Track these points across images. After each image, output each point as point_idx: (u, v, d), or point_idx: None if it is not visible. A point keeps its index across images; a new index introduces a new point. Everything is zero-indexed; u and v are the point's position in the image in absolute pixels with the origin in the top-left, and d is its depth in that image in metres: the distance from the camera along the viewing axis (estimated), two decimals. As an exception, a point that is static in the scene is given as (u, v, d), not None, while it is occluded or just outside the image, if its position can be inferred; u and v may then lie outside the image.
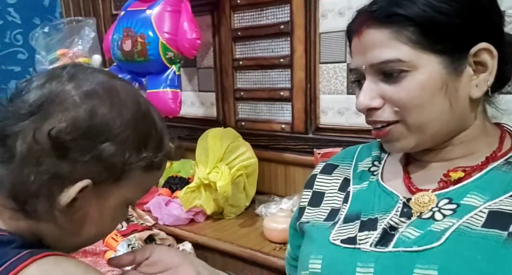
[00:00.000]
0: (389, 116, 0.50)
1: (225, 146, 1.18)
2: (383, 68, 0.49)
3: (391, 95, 0.49)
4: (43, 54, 1.61)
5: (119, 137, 0.42)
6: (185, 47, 1.15)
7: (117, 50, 1.20)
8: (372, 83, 0.51)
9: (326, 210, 0.60)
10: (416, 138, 0.51)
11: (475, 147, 0.52)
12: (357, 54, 0.52)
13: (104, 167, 0.42)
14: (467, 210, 0.47)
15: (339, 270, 0.49)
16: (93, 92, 0.42)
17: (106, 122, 0.41)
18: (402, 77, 0.48)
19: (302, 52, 1.17)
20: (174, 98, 1.17)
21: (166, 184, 1.30)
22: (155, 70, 1.18)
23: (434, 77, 0.48)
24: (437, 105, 0.48)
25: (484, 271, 0.41)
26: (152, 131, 0.45)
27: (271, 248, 0.97)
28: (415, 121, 0.49)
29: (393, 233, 0.49)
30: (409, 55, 0.47)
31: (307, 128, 1.20)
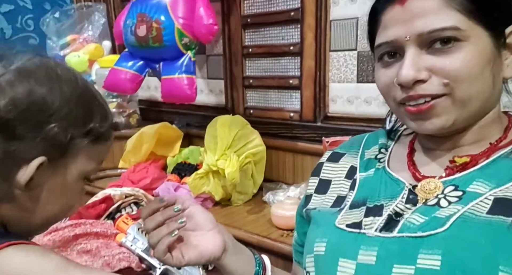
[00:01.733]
0: (437, 88, 0.47)
1: (233, 134, 1.19)
2: (434, 37, 0.46)
3: (442, 66, 0.46)
4: (54, 40, 1.62)
5: (62, 112, 0.43)
6: (202, 32, 1.13)
7: (130, 35, 1.19)
8: (416, 55, 0.47)
9: (332, 197, 0.61)
10: (457, 114, 0.48)
11: (485, 134, 0.51)
12: (398, 23, 0.48)
13: (53, 143, 0.42)
14: (472, 197, 0.47)
15: (342, 252, 0.50)
16: (25, 70, 0.42)
17: (47, 97, 0.42)
18: (456, 46, 0.45)
19: (312, 39, 1.16)
20: (190, 84, 1.17)
21: (175, 170, 1.31)
22: (169, 56, 1.17)
23: (485, 49, 0.46)
24: (485, 79, 0.47)
25: (488, 255, 0.41)
26: (94, 103, 0.47)
27: (278, 235, 0.99)
28: (464, 94, 0.46)
29: (398, 220, 0.49)
30: (465, 23, 0.45)
31: (315, 117, 1.20)
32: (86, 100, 0.46)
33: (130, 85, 1.24)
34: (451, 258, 0.42)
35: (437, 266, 0.42)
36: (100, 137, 0.47)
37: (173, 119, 1.54)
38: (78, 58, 1.54)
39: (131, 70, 1.23)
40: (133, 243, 0.95)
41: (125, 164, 1.36)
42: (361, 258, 0.48)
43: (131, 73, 1.23)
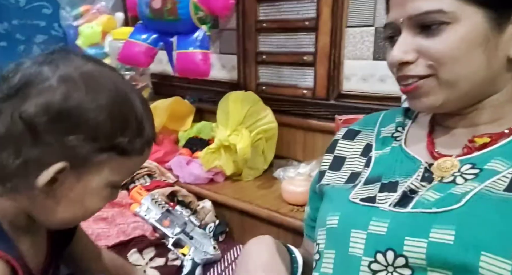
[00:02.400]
0: (422, 70, 0.49)
1: (245, 110, 1.19)
2: (422, 19, 0.47)
3: (427, 48, 0.48)
4: (67, 10, 1.61)
5: (90, 123, 0.43)
6: (218, 6, 1.11)
7: (145, 8, 1.17)
8: (408, 37, 0.49)
9: (346, 174, 0.61)
10: (446, 94, 0.49)
11: (503, 113, 0.51)
12: (395, 6, 0.50)
13: (75, 152, 0.43)
14: (490, 174, 0.47)
15: (354, 224, 0.51)
16: (69, 77, 0.43)
17: (79, 107, 0.42)
18: (442, 29, 0.46)
19: (328, 14, 1.13)
20: (204, 59, 1.15)
21: (186, 145, 1.33)
22: (184, 30, 1.16)
23: (475, 30, 0.46)
24: (473, 60, 0.47)
25: (502, 231, 0.42)
26: (130, 117, 0.46)
27: (288, 210, 1.01)
28: (448, 75, 0.48)
29: (413, 196, 0.50)
30: (452, 5, 0.46)
31: (329, 94, 1.19)
32: (120, 114, 0.45)
33: (145, 59, 1.23)
34: (465, 232, 0.43)
35: (450, 240, 0.43)
36: (130, 151, 0.46)
37: (185, 93, 1.54)
38: (91, 29, 1.53)
39: (145, 43, 1.21)
40: (147, 213, 0.98)
41: (137, 137, 1.38)
42: (371, 228, 0.49)
43: (146, 46, 1.22)
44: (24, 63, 0.44)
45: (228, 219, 1.11)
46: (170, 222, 0.97)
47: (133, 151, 0.47)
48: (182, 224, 0.98)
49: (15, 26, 1.60)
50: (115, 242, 0.91)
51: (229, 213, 1.11)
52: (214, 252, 0.96)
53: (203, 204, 1.09)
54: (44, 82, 0.42)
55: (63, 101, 0.41)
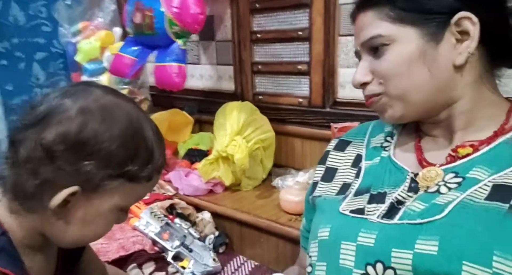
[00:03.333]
0: (375, 88, 0.55)
1: (242, 120, 1.20)
2: (370, 44, 0.54)
3: (376, 68, 0.54)
4: (66, 27, 1.64)
5: (103, 152, 0.46)
6: (188, 22, 1.14)
7: (129, 22, 1.23)
8: (365, 61, 0.56)
9: (338, 185, 0.62)
10: (401, 107, 0.54)
11: (476, 118, 0.53)
12: (355, 37, 0.58)
13: (87, 178, 0.46)
14: (471, 183, 0.48)
15: (344, 236, 0.52)
16: (86, 109, 0.46)
17: (94, 137, 0.46)
18: (384, 50, 0.53)
19: (321, 24, 1.14)
20: (178, 72, 1.18)
21: (185, 156, 1.34)
22: (162, 44, 1.19)
23: (411, 47, 0.51)
24: (416, 74, 0.52)
25: (484, 242, 0.42)
26: (141, 146, 0.49)
27: (286, 219, 1.01)
28: (396, 91, 0.53)
29: (400, 207, 0.51)
30: (388, 29, 0.52)
31: (324, 102, 1.20)
32: (132, 143, 0.48)
33: (129, 71, 1.27)
34: (448, 244, 0.44)
35: (434, 251, 0.44)
36: (139, 178, 0.49)
37: (183, 105, 1.55)
38: (90, 45, 1.55)
39: (132, 56, 1.26)
40: (146, 227, 0.99)
41: (137, 149, 1.39)
42: (360, 240, 0.50)
43: (132, 59, 1.26)
44: (50, 94, 0.48)
45: (228, 230, 1.11)
46: (170, 235, 0.98)
47: (142, 178, 0.50)
48: (181, 237, 0.98)
49: (15, 45, 1.63)
50: (114, 257, 0.92)
51: (229, 224, 1.11)
52: (214, 264, 0.96)
53: (202, 216, 1.10)
54: (64, 113, 0.46)
55: (79, 131, 0.45)
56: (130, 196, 0.51)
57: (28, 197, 0.47)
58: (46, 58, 1.72)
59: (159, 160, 0.52)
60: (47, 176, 0.45)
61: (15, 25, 1.63)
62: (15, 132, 0.47)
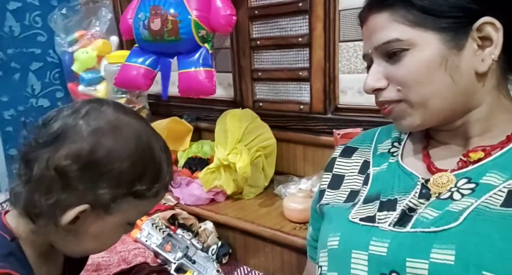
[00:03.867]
0: (392, 95, 0.52)
1: (243, 127, 1.19)
2: (385, 49, 0.51)
3: (393, 74, 0.51)
4: (62, 36, 1.63)
5: (116, 171, 0.47)
6: (221, 24, 1.10)
7: (143, 30, 1.15)
8: (378, 66, 0.53)
9: (345, 192, 0.61)
10: (421, 114, 0.52)
11: (492, 125, 0.52)
12: (365, 40, 0.54)
13: (98, 197, 0.47)
14: (486, 189, 0.46)
15: (354, 245, 0.51)
16: (99, 129, 0.47)
17: (106, 157, 0.47)
18: (403, 55, 0.50)
19: (321, 30, 1.14)
20: (208, 77, 1.13)
21: (186, 165, 1.32)
22: (185, 50, 1.14)
23: (432, 53, 0.49)
24: (437, 81, 0.49)
25: (503, 250, 0.41)
26: (149, 165, 0.50)
27: (291, 228, 0.99)
28: (416, 98, 0.51)
29: (412, 215, 0.49)
30: (407, 33, 0.49)
31: (326, 108, 1.19)
32: (141, 162, 0.49)
33: (144, 81, 1.21)
34: (465, 253, 0.42)
35: (451, 261, 0.42)
36: (148, 195, 0.51)
37: (182, 113, 1.54)
38: (86, 55, 1.54)
39: (143, 65, 1.20)
40: (147, 238, 0.97)
41: (136, 159, 1.37)
42: (372, 249, 0.48)
43: (144, 68, 1.20)
44: (64, 111, 0.49)
45: (231, 240, 1.09)
46: (172, 247, 0.96)
47: (150, 195, 0.51)
48: (184, 248, 0.96)
49: (10, 55, 1.61)
50: (116, 271, 0.89)
51: (232, 234, 1.09)
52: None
53: (204, 226, 1.08)
54: (77, 134, 0.47)
55: (92, 151, 0.46)
56: (137, 212, 0.53)
57: (40, 214, 0.48)
58: (42, 68, 1.70)
59: (167, 177, 0.53)
60: (60, 195, 0.46)
61: (11, 35, 1.61)
62: (28, 150, 0.48)
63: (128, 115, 0.52)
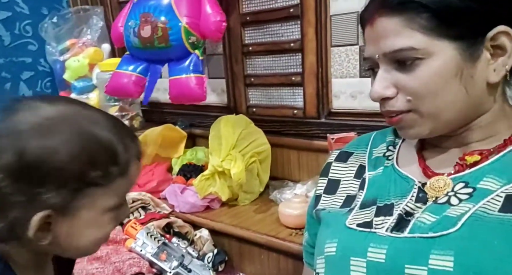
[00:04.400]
0: (402, 105, 0.50)
1: (237, 133, 1.19)
2: (396, 56, 0.48)
3: (404, 84, 0.49)
4: (53, 45, 1.62)
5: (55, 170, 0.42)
6: (211, 30, 1.10)
7: (133, 37, 1.15)
8: (385, 72, 0.50)
9: (341, 197, 0.61)
10: (430, 125, 0.50)
11: (493, 131, 0.51)
12: (370, 42, 0.51)
13: (52, 200, 0.43)
14: (483, 194, 0.46)
15: (352, 251, 0.50)
16: (20, 132, 0.43)
17: (37, 161, 0.42)
18: (416, 65, 0.47)
19: (312, 35, 1.14)
20: (199, 84, 1.13)
21: (180, 172, 1.31)
22: (176, 56, 1.14)
23: (448, 63, 0.47)
24: (451, 92, 0.47)
25: (501, 256, 0.41)
26: (96, 152, 0.45)
27: (286, 234, 0.99)
28: (429, 110, 0.49)
29: (409, 219, 0.49)
30: (422, 42, 0.46)
31: (319, 113, 1.19)
32: (85, 151, 0.44)
33: (135, 88, 1.21)
34: (464, 259, 0.42)
35: (450, 267, 0.42)
36: (111, 179, 0.46)
37: (176, 120, 1.53)
38: (78, 63, 1.53)
39: (134, 73, 1.20)
40: (142, 248, 0.95)
41: (130, 167, 1.36)
42: (370, 255, 0.48)
43: (135, 76, 1.20)
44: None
45: (227, 247, 1.08)
46: (167, 256, 0.94)
47: (112, 178, 0.46)
48: (179, 257, 0.95)
49: (1, 65, 1.59)
50: (111, 281, 0.88)
51: (228, 241, 1.08)
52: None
53: (200, 234, 1.07)
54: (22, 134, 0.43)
55: (18, 160, 0.42)
56: (111, 196, 0.48)
57: (7, 237, 0.45)
58: (33, 77, 1.69)
59: (126, 154, 0.47)
60: (10, 215, 0.43)
61: (1, 45, 1.59)
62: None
63: (56, 104, 0.46)
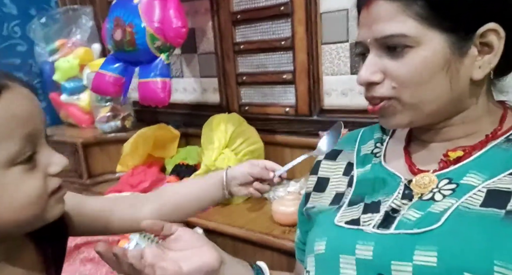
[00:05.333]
0: (387, 91, 0.49)
1: (230, 132, 1.19)
2: (387, 42, 0.47)
3: (392, 70, 0.48)
4: (42, 46, 1.60)
5: None
6: (171, 36, 1.13)
7: (109, 39, 1.20)
8: (375, 57, 0.49)
9: (331, 195, 0.61)
10: (411, 115, 0.50)
11: (477, 127, 0.52)
12: (364, 26, 0.50)
13: None
14: (466, 189, 0.47)
15: (341, 249, 0.50)
16: None
17: None
18: (406, 52, 0.47)
19: (303, 33, 1.14)
20: (162, 87, 1.16)
21: (173, 172, 1.31)
22: (145, 59, 1.18)
23: (437, 55, 0.46)
24: (436, 84, 0.47)
25: (483, 250, 0.41)
26: None
27: (280, 231, 0.99)
28: (411, 99, 0.48)
29: (395, 216, 0.49)
30: (415, 30, 0.46)
31: (311, 111, 1.20)
32: None
33: (113, 88, 1.25)
34: (447, 254, 0.42)
35: (433, 262, 0.42)
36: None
37: (168, 119, 1.53)
38: (68, 63, 1.52)
39: (114, 73, 1.23)
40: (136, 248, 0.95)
41: (123, 168, 1.36)
42: (358, 253, 0.48)
43: (114, 76, 1.23)
44: None
45: (221, 245, 1.07)
46: (161, 256, 0.94)
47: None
48: (173, 257, 0.95)
49: (-12, 66, 1.58)
50: (104, 282, 0.88)
51: (222, 240, 1.08)
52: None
53: (194, 233, 1.07)
54: None
55: None
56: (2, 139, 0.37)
57: None
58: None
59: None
60: None
61: (-11, 46, 1.58)
62: None
63: None
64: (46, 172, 0.42)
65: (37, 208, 0.41)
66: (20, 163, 0.39)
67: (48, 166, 0.42)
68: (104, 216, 0.58)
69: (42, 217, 0.43)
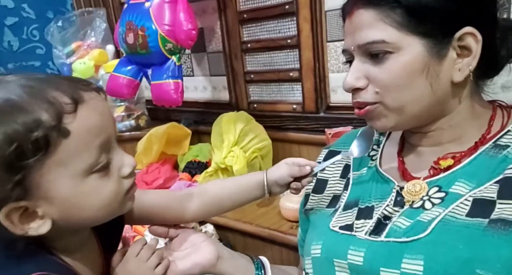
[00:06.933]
0: (370, 97, 0.51)
1: (239, 130, 1.22)
2: (369, 49, 0.49)
3: (374, 76, 0.50)
4: (59, 48, 1.66)
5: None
6: (182, 38, 1.16)
7: (122, 43, 1.24)
8: (359, 63, 0.51)
9: (329, 197, 0.63)
10: (395, 118, 0.51)
11: (464, 131, 0.52)
12: (348, 34, 0.52)
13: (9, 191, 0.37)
14: (453, 198, 0.48)
15: (334, 253, 0.52)
16: None
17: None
18: (386, 58, 0.49)
19: (308, 31, 1.15)
20: (175, 89, 1.20)
21: (185, 169, 1.35)
22: (157, 62, 1.21)
23: (416, 59, 0.48)
24: (417, 88, 0.49)
25: (466, 259, 0.43)
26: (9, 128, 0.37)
27: (288, 227, 1.02)
28: (394, 103, 0.50)
29: (386, 223, 0.51)
30: (394, 36, 0.48)
31: (318, 108, 1.21)
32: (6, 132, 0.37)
33: (127, 90, 1.29)
34: (433, 263, 0.44)
35: (420, 271, 0.44)
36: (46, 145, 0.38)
37: (180, 117, 1.57)
38: (84, 65, 1.57)
39: (127, 75, 1.28)
40: (150, 244, 1.00)
41: (137, 165, 1.41)
42: (350, 258, 0.50)
43: (127, 78, 1.28)
44: None
45: (232, 241, 1.13)
46: (174, 251, 0.99)
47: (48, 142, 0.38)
48: (185, 252, 0.99)
49: (11, 70, 1.65)
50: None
51: (232, 235, 1.12)
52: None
53: (205, 229, 1.11)
54: None
55: None
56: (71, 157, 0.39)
57: None
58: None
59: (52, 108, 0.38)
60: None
61: (10, 50, 1.65)
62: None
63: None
64: (120, 175, 0.44)
65: (114, 207, 0.45)
66: (96, 171, 0.41)
67: (120, 168, 0.44)
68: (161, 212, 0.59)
69: (117, 213, 0.46)
